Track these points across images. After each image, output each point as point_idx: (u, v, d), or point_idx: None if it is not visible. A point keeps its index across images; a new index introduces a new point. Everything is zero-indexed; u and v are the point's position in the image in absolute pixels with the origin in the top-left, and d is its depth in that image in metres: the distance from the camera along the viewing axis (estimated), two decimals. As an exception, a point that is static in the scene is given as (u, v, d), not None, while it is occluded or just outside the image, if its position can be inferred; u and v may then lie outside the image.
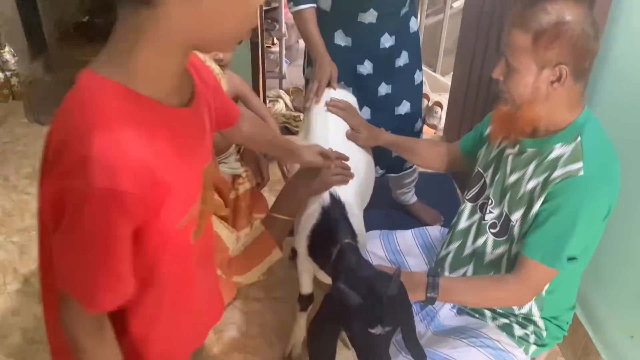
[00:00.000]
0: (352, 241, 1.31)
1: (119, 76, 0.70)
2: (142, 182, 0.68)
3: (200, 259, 0.98)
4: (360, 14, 1.86)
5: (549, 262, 1.22)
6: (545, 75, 1.17)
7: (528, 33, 1.15)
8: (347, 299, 1.08)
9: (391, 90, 2.04)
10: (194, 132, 0.84)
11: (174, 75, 0.75)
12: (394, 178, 2.34)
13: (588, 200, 1.18)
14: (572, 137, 1.22)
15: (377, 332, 1.09)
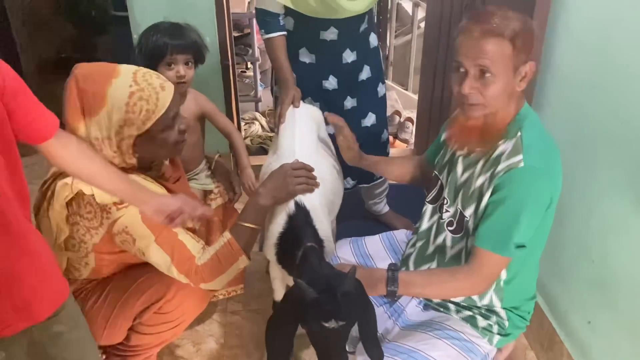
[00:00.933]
0: (315, 245, 1.36)
1: None
2: None
3: None
4: (321, 31, 1.96)
5: (498, 250, 1.29)
6: (517, 75, 1.25)
7: (506, 39, 1.20)
8: (304, 294, 1.14)
9: (356, 104, 2.14)
10: None
11: None
12: (365, 189, 2.42)
13: (530, 190, 1.26)
14: (514, 133, 1.30)
15: (331, 326, 1.13)
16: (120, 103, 1.30)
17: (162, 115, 1.35)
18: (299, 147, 1.61)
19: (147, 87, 1.33)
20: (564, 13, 1.62)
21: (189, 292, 1.53)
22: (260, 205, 1.45)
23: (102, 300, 1.55)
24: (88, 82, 1.31)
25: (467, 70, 1.25)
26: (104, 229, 1.39)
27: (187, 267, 1.41)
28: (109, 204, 1.35)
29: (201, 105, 1.91)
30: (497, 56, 1.22)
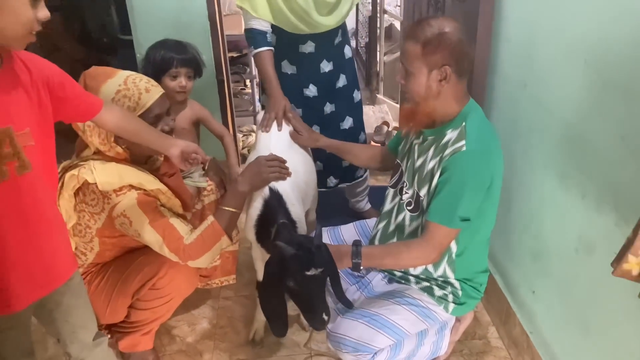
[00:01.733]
0: (286, 221, 1.59)
1: None
2: None
3: (18, 211, 1.20)
4: (300, 45, 2.21)
5: (445, 222, 1.48)
6: (434, 75, 1.47)
7: (418, 43, 1.45)
8: (284, 252, 1.37)
9: (335, 108, 2.36)
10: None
11: None
12: (347, 187, 2.62)
13: (470, 169, 1.46)
14: (459, 123, 1.52)
15: (312, 273, 1.37)
16: (108, 98, 1.54)
17: (142, 112, 1.58)
18: (274, 143, 1.84)
19: (133, 87, 1.58)
20: (501, 20, 1.85)
21: (179, 270, 1.74)
22: (239, 192, 1.68)
23: (105, 282, 1.77)
24: (91, 79, 1.58)
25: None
26: (105, 213, 1.60)
27: (176, 246, 1.62)
28: (109, 191, 1.56)
29: (196, 112, 2.16)
30: (410, 56, 1.48)
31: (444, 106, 1.53)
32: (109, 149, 1.61)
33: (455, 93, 1.52)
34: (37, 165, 1.21)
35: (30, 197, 1.22)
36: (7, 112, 1.13)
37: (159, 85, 1.65)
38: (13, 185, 1.17)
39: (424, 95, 1.51)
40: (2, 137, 1.12)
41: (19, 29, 1.06)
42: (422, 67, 1.47)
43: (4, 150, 1.13)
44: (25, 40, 1.11)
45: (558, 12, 1.52)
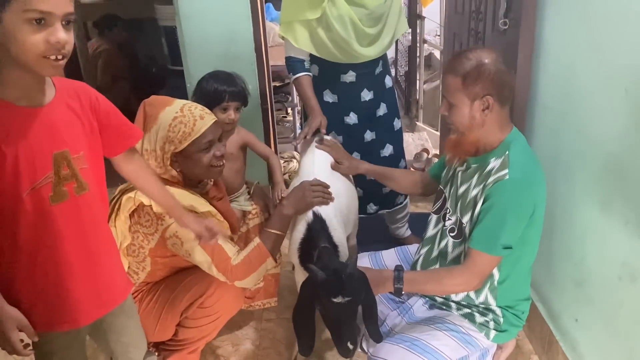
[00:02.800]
0: (328, 245, 1.64)
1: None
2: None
3: (78, 230, 1.26)
4: (342, 75, 2.29)
5: (488, 249, 1.50)
6: (476, 106, 1.51)
7: (458, 76, 1.50)
8: (315, 276, 1.42)
9: (375, 136, 2.42)
10: (42, 124, 1.16)
11: (21, 85, 1.12)
12: (387, 214, 2.65)
13: (512, 197, 1.49)
14: (503, 152, 1.54)
15: (339, 300, 1.41)
16: (165, 124, 1.65)
17: (197, 138, 1.67)
18: (317, 169, 1.91)
19: (189, 114, 1.68)
20: (542, 53, 1.89)
21: (226, 289, 1.80)
22: (283, 215, 1.75)
23: (155, 300, 1.83)
24: (151, 107, 1.69)
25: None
26: (159, 234, 1.68)
27: (224, 266, 1.70)
28: (163, 213, 1.65)
29: (243, 136, 2.26)
30: (451, 89, 1.53)
31: (488, 135, 1.56)
32: (164, 171, 1.71)
33: (499, 121, 1.55)
34: (92, 186, 1.28)
35: (89, 216, 1.29)
36: (63, 136, 1.20)
37: (212, 113, 1.75)
38: (73, 205, 1.24)
39: (468, 125, 1.54)
40: (60, 160, 1.19)
41: (27, 54, 1.05)
42: (463, 99, 1.51)
43: (62, 172, 1.20)
44: (47, 65, 1.08)
45: (598, 42, 1.55)
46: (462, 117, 1.54)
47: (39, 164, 1.16)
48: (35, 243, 1.20)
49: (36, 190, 1.16)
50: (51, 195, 1.19)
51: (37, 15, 1.02)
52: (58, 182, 1.19)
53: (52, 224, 1.21)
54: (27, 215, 1.17)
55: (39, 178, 1.16)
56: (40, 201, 1.18)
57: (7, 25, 1.02)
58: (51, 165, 1.18)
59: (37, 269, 1.23)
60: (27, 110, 1.15)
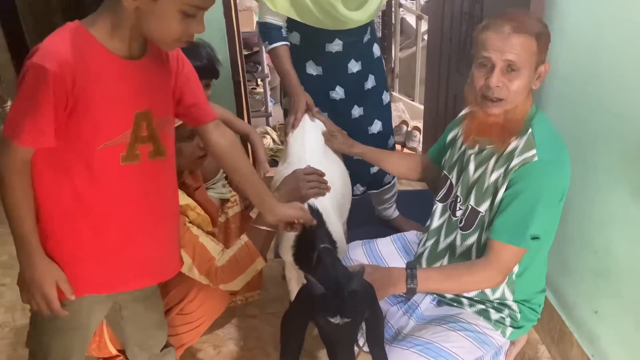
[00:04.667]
0: (328, 245, 1.42)
1: (90, 26, 1.05)
2: (63, 72, 0.99)
3: (142, 196, 1.19)
4: (327, 44, 2.05)
5: (515, 241, 1.34)
6: (537, 73, 1.34)
7: (532, 37, 1.29)
8: (313, 289, 1.19)
9: (363, 112, 2.21)
10: (131, 79, 1.10)
11: (128, 42, 1.07)
12: (375, 195, 2.47)
13: (545, 182, 1.32)
14: (525, 130, 1.37)
15: (337, 321, 1.18)
16: None
17: (178, 125, 1.44)
18: (309, 154, 1.68)
19: None
20: (556, 15, 1.70)
21: (209, 293, 1.61)
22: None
23: None
24: None
25: (495, 65, 1.32)
26: None
27: (208, 268, 1.49)
28: None
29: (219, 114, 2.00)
30: (524, 52, 1.30)
31: (521, 111, 1.37)
32: None
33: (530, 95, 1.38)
34: (170, 154, 1.22)
35: (158, 184, 1.22)
36: (149, 95, 1.14)
37: None
38: (144, 168, 1.17)
39: (522, 98, 1.35)
40: (140, 120, 1.12)
41: (165, 36, 1.06)
42: (532, 65, 1.32)
43: (140, 134, 1.13)
44: (173, 46, 1.12)
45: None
46: (523, 87, 1.33)
47: (119, 120, 1.11)
48: (97, 200, 1.14)
49: (110, 146, 1.10)
50: (123, 154, 1.13)
51: (194, 11, 1.02)
52: (134, 143, 1.13)
53: (118, 184, 1.15)
54: (96, 170, 1.11)
55: (117, 135, 1.11)
56: (111, 158, 1.12)
57: (161, 6, 1.00)
58: (131, 124, 1.12)
59: (93, 228, 1.16)
60: (122, 62, 1.09)
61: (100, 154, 1.10)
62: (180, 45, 1.10)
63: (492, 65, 1.33)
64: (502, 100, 1.35)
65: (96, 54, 1.05)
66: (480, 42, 1.35)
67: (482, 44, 1.34)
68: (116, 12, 1.04)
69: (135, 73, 1.11)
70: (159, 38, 1.07)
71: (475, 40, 1.39)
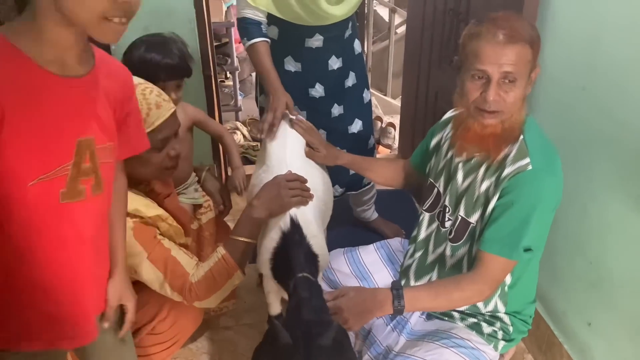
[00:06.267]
0: (307, 274, 1.30)
1: (12, 35, 0.87)
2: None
3: (82, 230, 1.03)
4: (307, 39, 1.94)
5: (506, 253, 1.27)
6: (530, 79, 1.26)
7: (527, 44, 1.21)
8: (279, 337, 1.07)
9: (343, 110, 2.11)
10: (71, 101, 0.94)
11: (58, 47, 0.89)
12: (353, 196, 2.39)
13: (539, 192, 1.25)
14: (516, 137, 1.29)
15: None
16: None
17: (148, 132, 1.30)
18: (290, 157, 1.57)
19: (142, 100, 1.30)
20: (550, 16, 1.62)
21: (182, 311, 1.50)
22: (254, 219, 1.41)
23: None
24: None
25: (491, 78, 1.23)
26: None
27: (181, 285, 1.37)
28: None
29: (191, 115, 1.86)
30: (520, 61, 1.21)
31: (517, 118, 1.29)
32: None
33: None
34: (106, 187, 1.06)
35: (96, 223, 1.06)
36: (92, 120, 0.98)
37: (170, 100, 1.36)
38: (86, 207, 1.01)
39: (519, 106, 1.27)
40: (84, 149, 0.96)
41: (87, 13, 0.85)
42: (526, 73, 1.24)
43: (83, 165, 0.97)
44: (103, 28, 0.87)
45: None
46: (520, 97, 1.25)
47: (56, 149, 0.93)
48: (26, 244, 0.97)
49: (46, 180, 0.93)
50: (63, 191, 0.96)
51: None
52: (76, 176, 0.97)
53: (57, 226, 0.98)
54: (26, 209, 0.94)
55: (53, 167, 0.93)
56: (47, 195, 0.95)
57: None
58: (72, 154, 0.95)
59: (18, 277, 0.99)
60: (56, 79, 0.90)
61: (33, 190, 0.93)
62: (117, 27, 0.88)
63: (487, 78, 1.24)
64: (498, 112, 1.26)
65: (25, 72, 0.87)
66: (471, 51, 1.25)
67: (475, 55, 1.24)
68: (34, 4, 0.86)
69: (74, 94, 0.94)
70: (82, 18, 0.85)
71: (463, 46, 1.29)
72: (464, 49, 1.29)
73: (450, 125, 1.50)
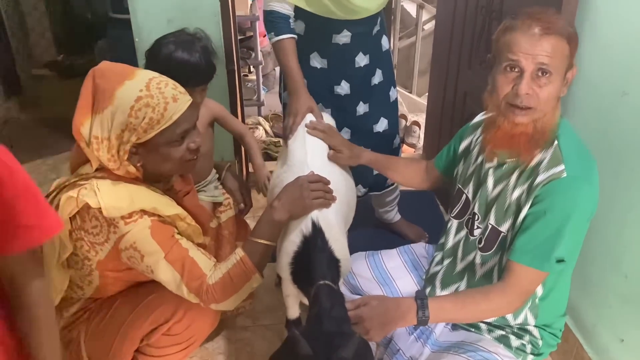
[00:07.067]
0: (328, 282, 1.25)
1: None
2: None
3: None
4: (334, 35, 1.88)
5: (537, 264, 1.22)
6: (566, 78, 1.21)
7: (564, 39, 1.17)
8: (298, 348, 1.04)
9: (369, 109, 2.06)
10: None
11: None
12: (376, 196, 2.33)
13: (574, 201, 1.19)
14: (549, 142, 1.24)
15: None
16: (125, 105, 1.24)
17: (167, 127, 1.27)
18: (311, 157, 1.51)
19: (158, 95, 1.26)
20: (590, 16, 1.54)
21: (199, 312, 1.46)
22: (275, 221, 1.37)
23: (107, 321, 1.47)
24: (103, 78, 1.26)
25: (524, 70, 1.18)
26: (110, 244, 1.32)
27: (198, 286, 1.34)
28: (116, 218, 1.28)
29: (212, 111, 1.82)
30: (557, 54, 1.16)
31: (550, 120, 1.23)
32: (119, 166, 1.31)
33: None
34: None
35: None
36: None
37: (186, 92, 1.33)
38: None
39: (553, 105, 1.21)
40: None
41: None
42: (563, 70, 1.19)
43: None
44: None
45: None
46: (554, 94, 1.20)
47: None
48: None
49: None
50: None
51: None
52: None
53: None
54: None
55: None
56: None
57: None
58: None
59: None
60: None
61: None
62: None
63: (520, 70, 1.19)
64: (530, 108, 1.20)
65: None
66: (504, 44, 1.20)
67: (508, 47, 1.19)
68: None
69: None
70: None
71: (496, 41, 1.24)
72: (497, 44, 1.24)
73: (480, 129, 1.44)
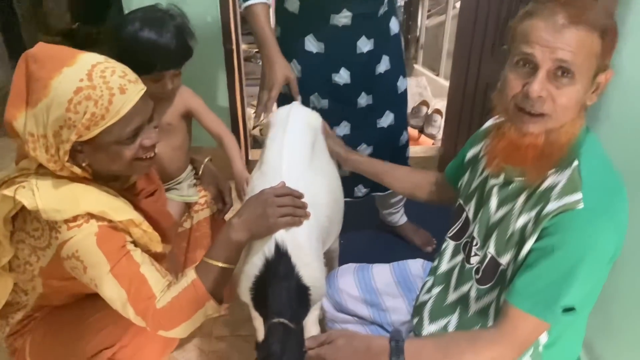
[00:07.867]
0: (284, 320, 1.07)
1: None
2: None
3: None
4: (332, 15, 1.67)
5: (539, 312, 1.01)
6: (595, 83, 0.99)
7: (596, 32, 0.95)
8: None
9: (372, 101, 1.85)
10: None
11: None
12: (380, 197, 2.14)
13: (591, 240, 0.97)
14: (569, 161, 1.01)
15: None
16: (62, 98, 1.04)
17: (114, 123, 1.08)
18: (287, 163, 1.29)
19: (101, 85, 1.05)
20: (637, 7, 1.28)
21: (149, 338, 1.30)
22: (233, 241, 1.17)
23: (52, 335, 1.32)
24: (38, 64, 1.06)
25: (539, 65, 0.96)
26: (52, 250, 1.15)
27: (144, 308, 1.16)
28: (59, 222, 1.10)
29: (187, 102, 1.62)
30: (583, 51, 0.95)
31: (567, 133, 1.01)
32: (61, 168, 1.13)
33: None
34: None
35: None
36: None
37: (138, 79, 1.12)
38: None
39: (572, 113, 1.00)
40: None
41: None
42: (591, 71, 0.98)
43: None
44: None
45: None
46: (575, 100, 0.98)
47: None
48: None
49: None
50: None
51: None
52: None
53: None
54: None
55: None
56: None
57: None
58: None
59: None
60: None
61: None
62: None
63: (534, 66, 0.97)
64: (544, 115, 0.98)
65: None
66: (520, 33, 0.99)
67: (523, 35, 0.98)
68: None
69: None
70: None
71: (512, 31, 1.01)
72: (513, 32, 1.02)
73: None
